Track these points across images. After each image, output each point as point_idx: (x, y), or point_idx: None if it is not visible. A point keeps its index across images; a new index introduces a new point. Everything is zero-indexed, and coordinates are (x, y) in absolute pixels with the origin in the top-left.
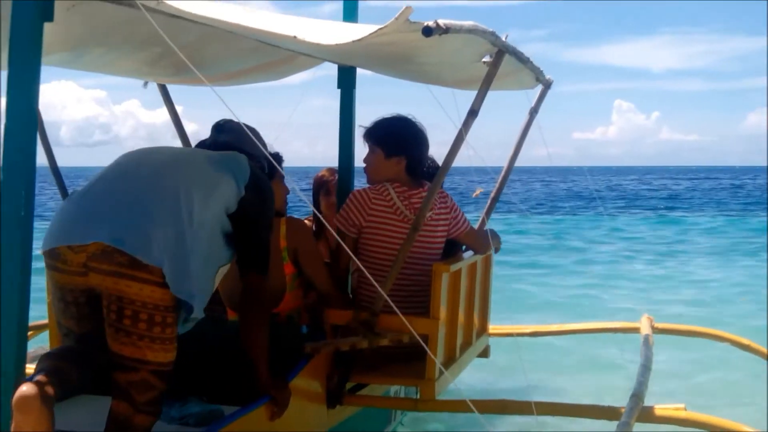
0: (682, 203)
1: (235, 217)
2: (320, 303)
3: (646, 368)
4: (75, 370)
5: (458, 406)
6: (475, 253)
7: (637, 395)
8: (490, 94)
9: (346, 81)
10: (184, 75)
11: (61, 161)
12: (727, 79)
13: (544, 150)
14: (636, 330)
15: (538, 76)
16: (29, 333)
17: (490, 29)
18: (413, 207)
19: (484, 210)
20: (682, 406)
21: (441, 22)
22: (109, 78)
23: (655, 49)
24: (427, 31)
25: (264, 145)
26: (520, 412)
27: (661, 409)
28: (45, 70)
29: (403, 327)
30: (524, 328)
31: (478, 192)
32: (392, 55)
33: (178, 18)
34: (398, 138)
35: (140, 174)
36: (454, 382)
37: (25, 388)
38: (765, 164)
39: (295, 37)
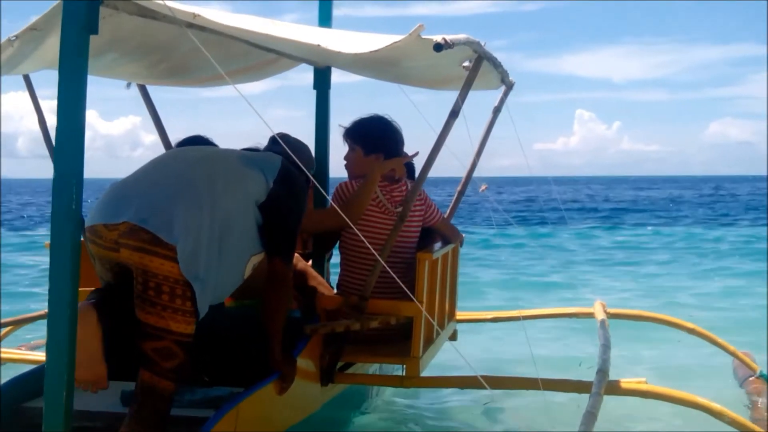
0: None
1: (265, 207)
2: (310, 291)
3: (606, 347)
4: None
5: (440, 382)
6: (448, 240)
7: (603, 371)
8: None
9: (322, 82)
10: (178, 77)
11: (19, 173)
12: (689, 89)
13: (505, 161)
14: (590, 315)
15: (504, 78)
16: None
17: (477, 39)
18: (394, 200)
19: (450, 205)
20: (643, 379)
21: (448, 38)
22: None
23: (618, 59)
24: (438, 48)
25: (310, 158)
26: (501, 387)
27: (625, 382)
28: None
29: (391, 310)
30: (486, 314)
31: (484, 188)
32: (384, 60)
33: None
34: (375, 136)
35: (173, 165)
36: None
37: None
38: (726, 174)
39: (319, 45)
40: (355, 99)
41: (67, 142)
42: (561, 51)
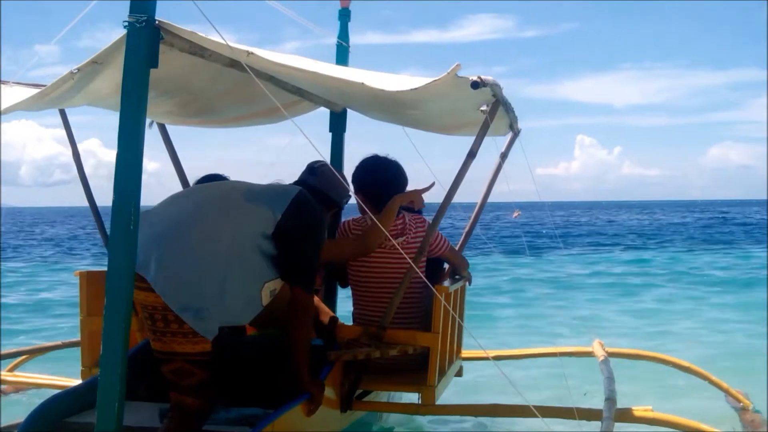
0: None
1: (276, 237)
2: (331, 320)
3: (611, 380)
4: None
5: (455, 410)
6: (456, 270)
7: (611, 399)
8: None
9: (337, 125)
10: (204, 117)
11: (22, 201)
12: (689, 114)
13: (511, 186)
14: (589, 354)
15: (512, 124)
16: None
17: (499, 83)
18: (390, 233)
19: (459, 243)
20: (649, 407)
21: (483, 78)
22: (70, 117)
23: (618, 85)
24: (475, 86)
25: (342, 188)
26: (515, 415)
27: (633, 409)
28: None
29: (408, 339)
30: (488, 352)
31: (516, 214)
32: (408, 104)
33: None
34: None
35: (172, 206)
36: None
37: None
38: (728, 198)
39: (363, 83)
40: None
41: (127, 170)
42: (561, 77)
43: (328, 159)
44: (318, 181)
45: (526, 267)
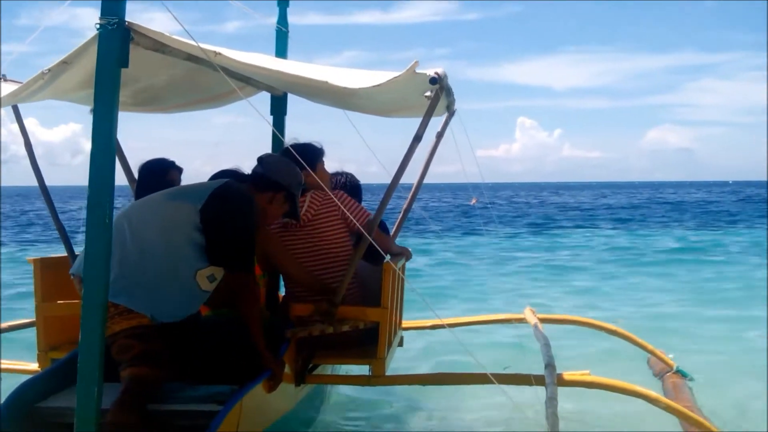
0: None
1: (204, 226)
2: (284, 299)
3: (547, 345)
4: None
5: (405, 380)
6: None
7: (551, 365)
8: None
9: (279, 108)
10: (153, 105)
11: None
12: (629, 97)
13: (449, 167)
14: (522, 320)
15: (449, 105)
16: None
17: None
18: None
19: (395, 224)
20: (587, 371)
21: (439, 73)
22: None
23: (558, 68)
24: (434, 81)
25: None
26: (464, 383)
27: (570, 374)
28: None
29: (359, 315)
30: (425, 322)
31: (474, 201)
32: (355, 92)
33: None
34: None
35: (123, 228)
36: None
37: None
38: (666, 180)
39: (327, 81)
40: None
41: (101, 165)
42: (503, 60)
43: (269, 141)
44: (264, 169)
45: (459, 244)
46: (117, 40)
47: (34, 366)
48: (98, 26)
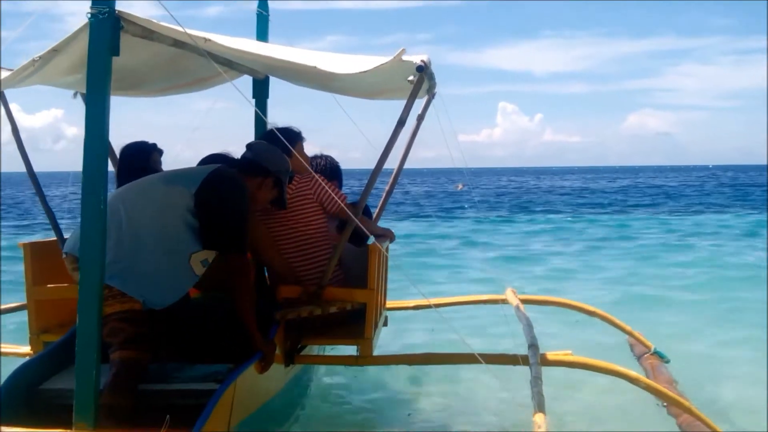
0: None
1: (197, 210)
2: (271, 281)
3: (530, 326)
4: None
5: (392, 360)
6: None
7: (534, 345)
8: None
9: (261, 92)
10: (136, 90)
11: None
12: (608, 82)
13: (429, 152)
14: (503, 301)
15: (430, 89)
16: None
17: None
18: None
19: (378, 207)
20: (569, 351)
21: (426, 59)
22: None
23: (538, 52)
24: (420, 68)
25: (276, 159)
26: (449, 362)
27: (553, 354)
28: None
29: (345, 296)
30: (408, 302)
31: (460, 186)
32: (339, 76)
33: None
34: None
35: (118, 210)
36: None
37: None
38: (644, 164)
39: (315, 66)
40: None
41: (95, 151)
42: (483, 45)
43: (251, 125)
44: (252, 154)
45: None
46: (108, 29)
47: (26, 349)
48: (90, 15)
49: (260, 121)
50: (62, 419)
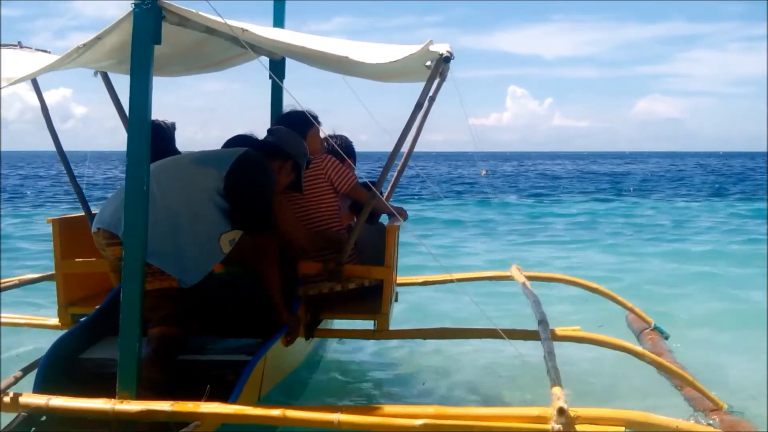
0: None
1: (227, 193)
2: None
3: (537, 303)
4: None
5: (408, 334)
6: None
7: (544, 321)
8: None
9: (277, 73)
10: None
11: None
12: (617, 67)
13: (438, 136)
14: (509, 277)
15: (443, 72)
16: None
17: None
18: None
19: (389, 186)
20: (578, 327)
21: (450, 50)
22: None
23: (548, 36)
24: (447, 59)
25: (296, 144)
26: (461, 336)
27: (562, 330)
28: None
29: (364, 273)
30: (417, 278)
31: (484, 172)
32: (358, 62)
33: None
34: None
35: (152, 190)
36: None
37: None
38: (655, 150)
39: (347, 57)
40: None
41: (138, 137)
42: (493, 28)
43: (267, 107)
44: (274, 138)
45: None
46: (151, 19)
47: (54, 320)
48: (134, 6)
49: (278, 102)
50: (102, 387)
